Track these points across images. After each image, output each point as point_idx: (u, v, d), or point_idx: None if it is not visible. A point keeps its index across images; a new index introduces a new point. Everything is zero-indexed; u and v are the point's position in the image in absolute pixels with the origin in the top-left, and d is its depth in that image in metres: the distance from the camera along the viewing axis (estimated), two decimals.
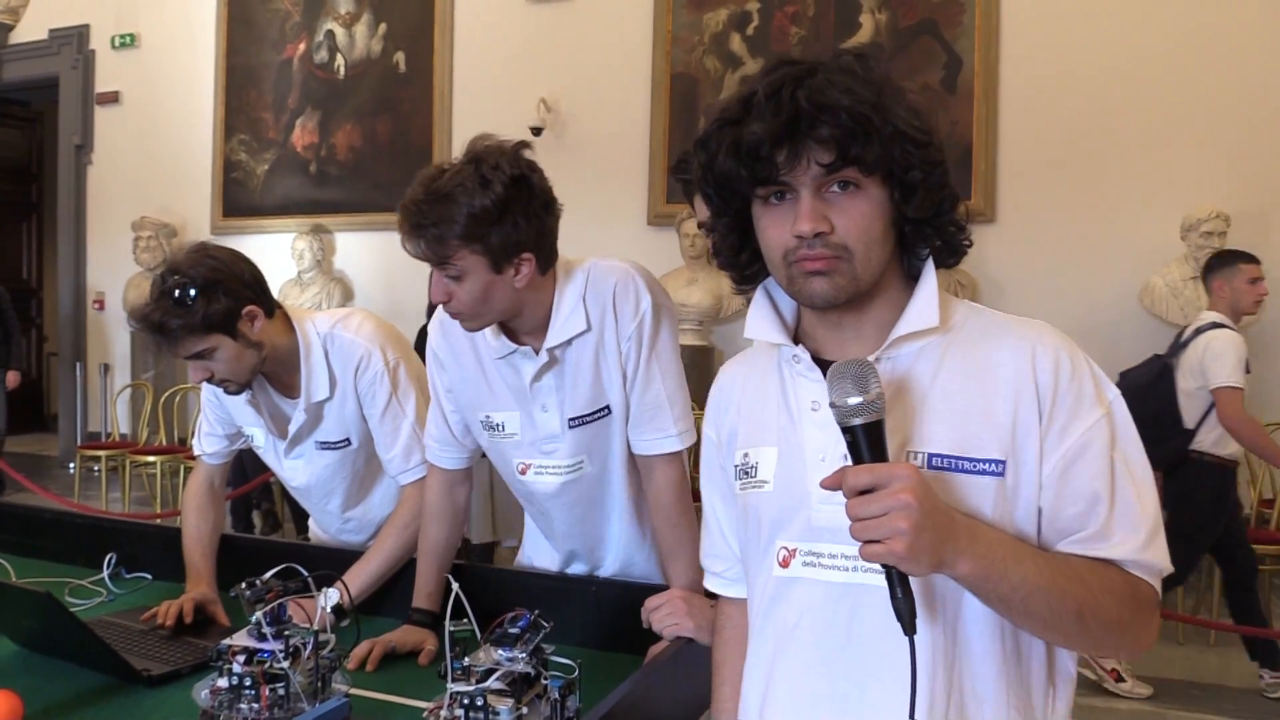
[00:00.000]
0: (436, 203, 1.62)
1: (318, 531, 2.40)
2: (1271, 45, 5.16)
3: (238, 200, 8.05)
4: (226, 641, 1.43)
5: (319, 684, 1.44)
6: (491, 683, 1.33)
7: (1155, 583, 1.07)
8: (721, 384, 1.35)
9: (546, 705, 1.36)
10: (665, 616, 1.63)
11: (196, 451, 2.26)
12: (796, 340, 1.18)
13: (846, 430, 1.00)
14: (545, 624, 1.43)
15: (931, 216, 1.08)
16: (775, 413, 1.18)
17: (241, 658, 1.41)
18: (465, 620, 1.48)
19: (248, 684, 1.38)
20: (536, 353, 1.77)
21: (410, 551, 1.99)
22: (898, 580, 0.97)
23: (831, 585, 1.10)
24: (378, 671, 1.71)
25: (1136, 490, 1.05)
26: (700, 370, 6.17)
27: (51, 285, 10.04)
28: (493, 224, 1.63)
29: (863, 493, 0.96)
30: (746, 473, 1.20)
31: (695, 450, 1.51)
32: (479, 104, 7.07)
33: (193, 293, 1.87)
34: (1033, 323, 1.11)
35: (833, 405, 1.00)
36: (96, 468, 7.08)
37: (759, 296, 1.20)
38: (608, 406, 1.81)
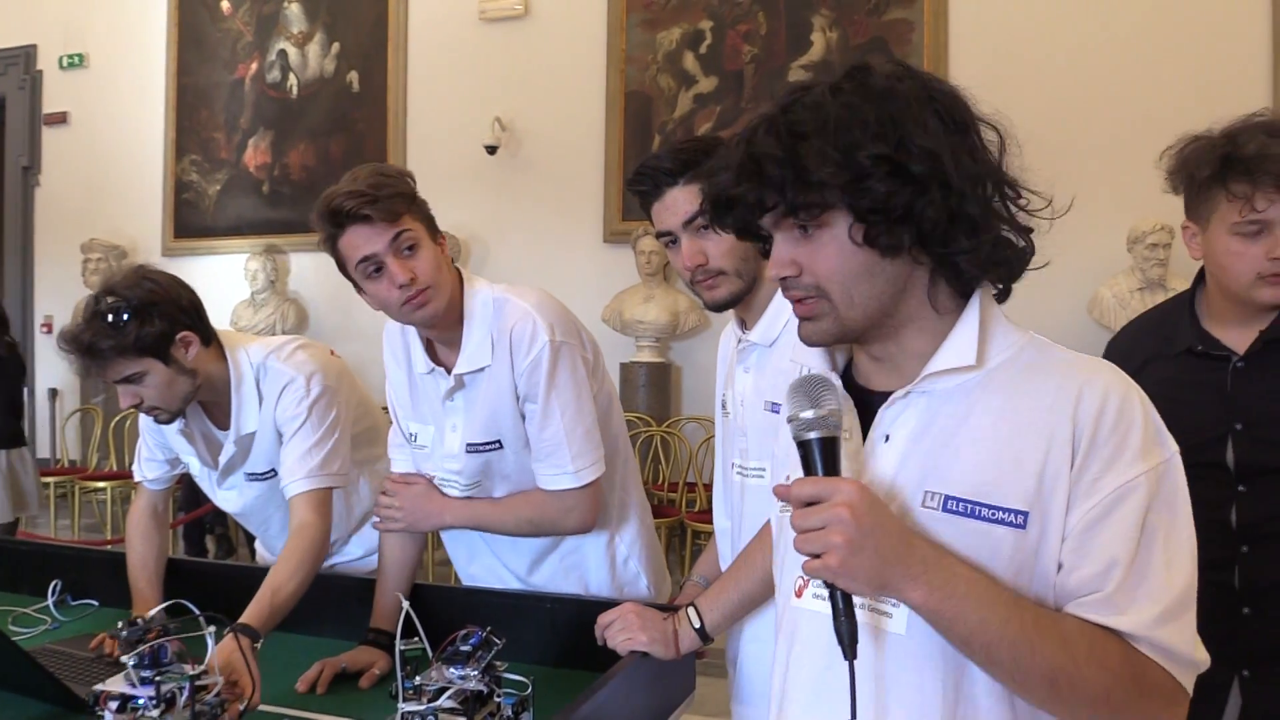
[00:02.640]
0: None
1: (264, 553, 2.38)
2: (1215, 61, 5.28)
3: (189, 221, 7.95)
4: (100, 686, 1.34)
5: None
6: (443, 701, 1.32)
7: (1176, 670, 0.95)
8: None
9: None
10: (619, 631, 1.64)
11: (137, 477, 2.24)
12: (848, 368, 1.15)
13: (801, 445, 1.00)
14: (498, 641, 1.42)
15: (934, 244, 1.00)
16: None
17: (114, 704, 1.32)
18: (416, 639, 1.47)
19: None
20: (448, 373, 1.84)
21: (303, 574, 1.85)
22: (841, 601, 0.97)
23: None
24: (328, 694, 1.69)
25: (1166, 560, 0.95)
26: (657, 386, 6.18)
27: None
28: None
29: (809, 505, 0.96)
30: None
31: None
32: (433, 123, 7.05)
33: (126, 315, 1.84)
34: (1095, 363, 1.03)
35: (789, 419, 1.01)
36: (45, 494, 6.93)
37: None
38: (499, 441, 1.85)
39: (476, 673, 1.37)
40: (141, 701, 1.28)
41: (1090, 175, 5.55)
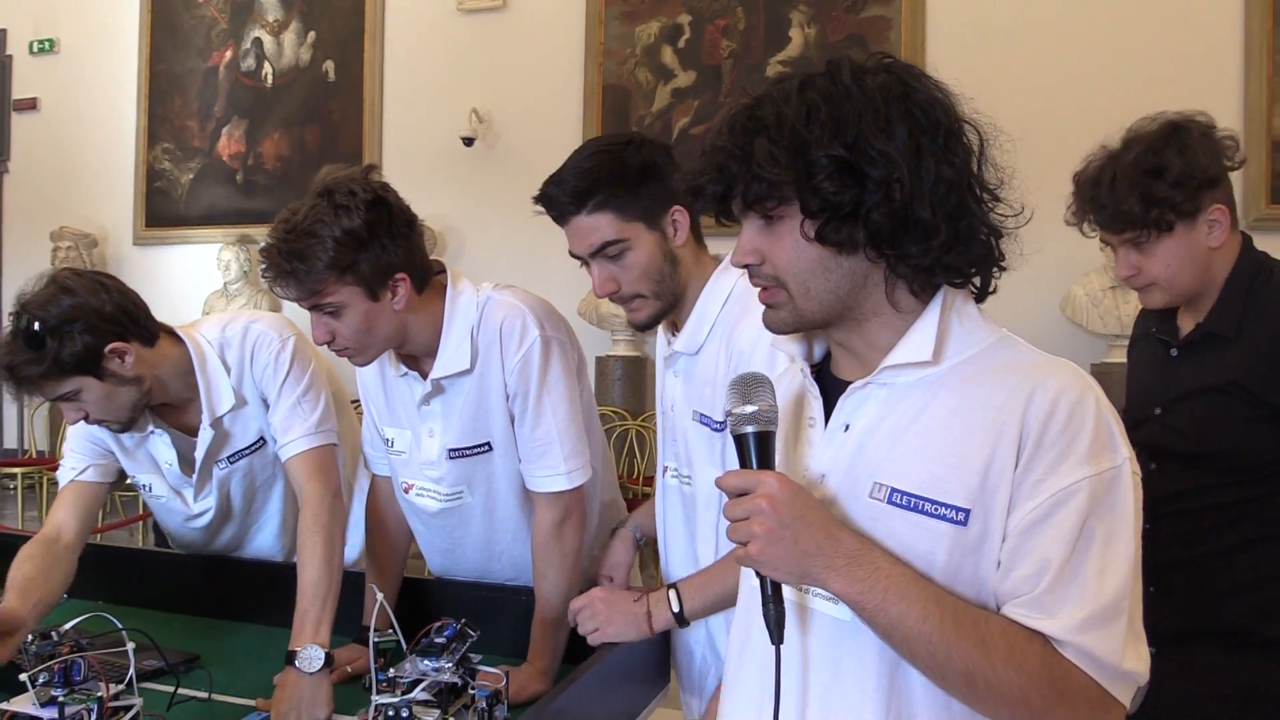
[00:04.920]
0: (298, 239, 1.60)
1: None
2: (1191, 60, 5.33)
3: (161, 210, 7.86)
4: (2, 705, 1.25)
5: None
6: (417, 693, 1.32)
7: (1102, 678, 0.94)
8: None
9: (474, 715, 1.36)
10: (587, 620, 1.62)
11: (64, 479, 2.01)
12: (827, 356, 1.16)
13: (738, 438, 1.04)
14: (472, 633, 1.42)
15: (883, 245, 1.00)
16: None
17: None
18: (390, 631, 1.47)
19: None
20: (424, 378, 1.77)
21: (336, 558, 1.75)
22: (770, 588, 1.01)
23: (789, 605, 1.07)
24: None
25: (1101, 567, 0.95)
26: (634, 381, 6.18)
27: None
28: (360, 249, 1.62)
29: (740, 497, 1.00)
30: None
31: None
32: (409, 114, 7.00)
33: (43, 335, 1.69)
34: (1056, 364, 1.02)
35: (726, 414, 1.05)
36: (12, 485, 6.85)
37: None
38: (489, 443, 1.79)
39: (451, 665, 1.36)
40: None
41: (1066, 173, 5.59)
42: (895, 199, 0.98)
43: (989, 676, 0.93)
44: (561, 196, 1.57)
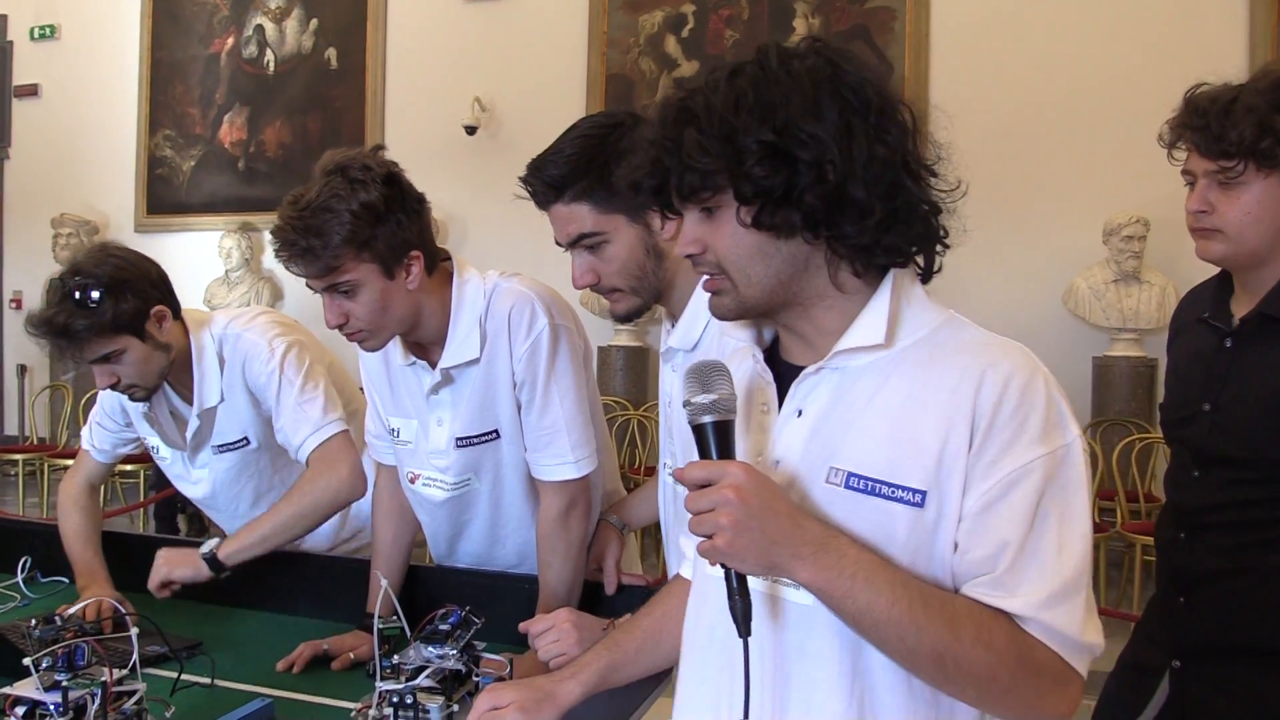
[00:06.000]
0: (314, 215, 1.58)
1: None
2: (1193, 56, 5.31)
3: (162, 197, 7.85)
4: (6, 690, 1.24)
5: None
6: (421, 680, 1.32)
7: (1064, 652, 0.97)
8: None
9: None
10: (551, 644, 1.53)
11: (85, 445, 2.18)
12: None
13: (695, 429, 1.02)
14: (476, 620, 1.42)
15: (819, 227, 1.00)
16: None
17: (21, 710, 1.22)
18: (395, 618, 1.47)
19: None
20: (433, 367, 1.75)
21: (306, 519, 1.90)
22: (736, 580, 0.99)
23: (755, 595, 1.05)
24: (308, 673, 1.68)
25: (1059, 544, 0.97)
26: (635, 370, 6.18)
27: None
28: (376, 224, 1.60)
29: (703, 489, 0.98)
30: None
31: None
32: (412, 102, 6.99)
33: (96, 294, 1.80)
34: (1005, 345, 1.03)
35: (685, 404, 1.03)
36: (13, 471, 6.86)
37: None
38: (496, 430, 1.78)
39: (455, 652, 1.36)
40: (50, 708, 1.20)
41: (1067, 166, 5.58)
42: (828, 180, 0.98)
43: (959, 656, 0.94)
44: (539, 184, 1.52)
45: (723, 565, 0.99)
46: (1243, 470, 1.53)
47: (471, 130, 6.56)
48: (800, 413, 1.06)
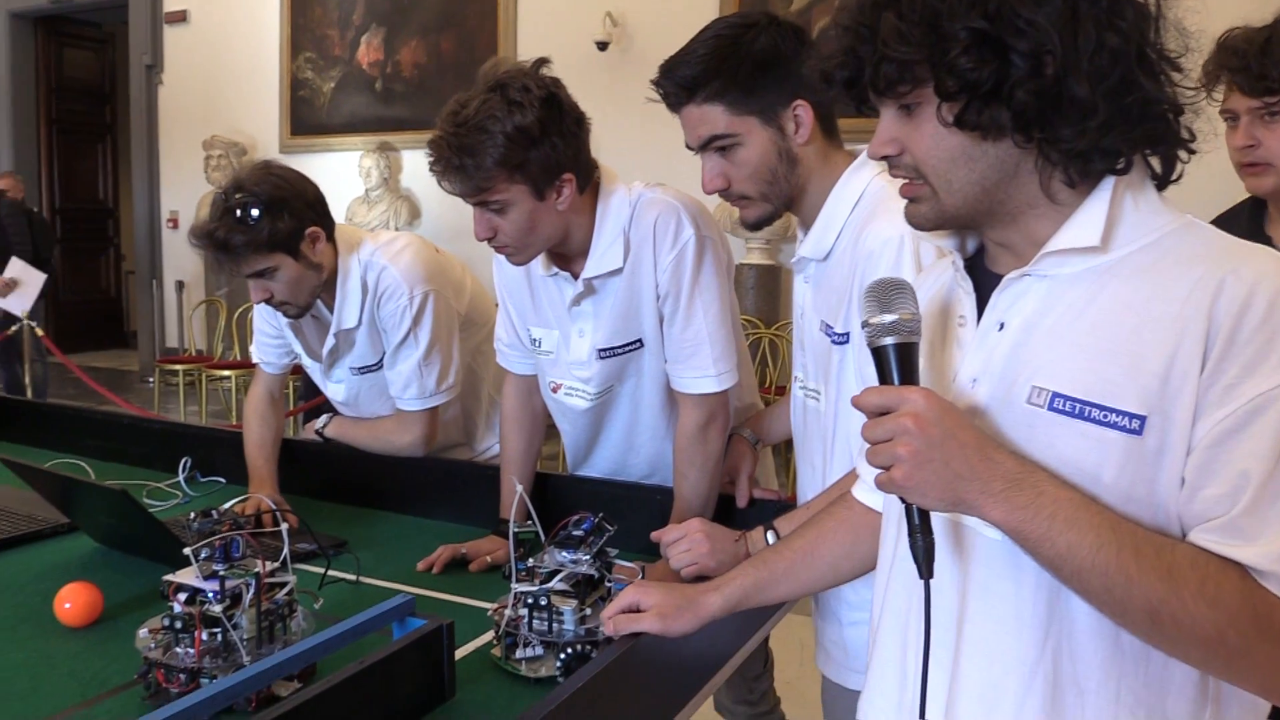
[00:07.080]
0: (469, 134, 1.56)
1: None
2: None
3: (305, 119, 8.07)
4: (169, 577, 1.30)
5: (267, 632, 1.29)
6: (555, 583, 1.34)
7: None
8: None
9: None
10: (683, 554, 1.50)
11: (255, 359, 2.29)
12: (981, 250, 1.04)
13: (875, 351, 0.94)
14: (609, 527, 1.43)
15: (1030, 128, 0.89)
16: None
17: (182, 596, 1.26)
18: (530, 522, 1.49)
19: (179, 627, 1.25)
20: (576, 278, 1.74)
21: (373, 450, 2.14)
22: (917, 517, 0.92)
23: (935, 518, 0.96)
24: (446, 575, 1.73)
25: None
26: (767, 290, 6.10)
27: (127, 205, 10.22)
28: (531, 147, 1.58)
29: (880, 416, 0.90)
30: None
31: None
32: (543, 18, 6.95)
33: (256, 211, 1.86)
34: (1251, 249, 0.87)
35: (864, 324, 0.95)
36: (174, 381, 7.27)
37: None
38: (640, 340, 1.76)
39: (589, 557, 1.37)
40: (209, 595, 1.25)
41: None
42: (1045, 73, 0.86)
43: (1177, 613, 0.82)
44: (671, 85, 1.47)
45: (902, 500, 0.91)
46: None
47: (603, 46, 6.49)
48: (1002, 325, 0.95)
